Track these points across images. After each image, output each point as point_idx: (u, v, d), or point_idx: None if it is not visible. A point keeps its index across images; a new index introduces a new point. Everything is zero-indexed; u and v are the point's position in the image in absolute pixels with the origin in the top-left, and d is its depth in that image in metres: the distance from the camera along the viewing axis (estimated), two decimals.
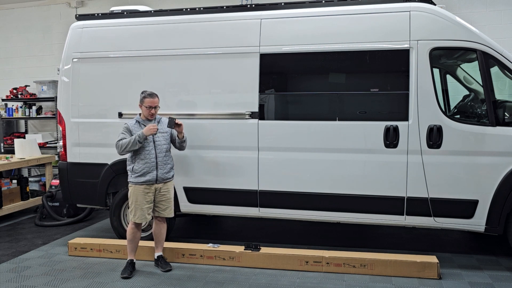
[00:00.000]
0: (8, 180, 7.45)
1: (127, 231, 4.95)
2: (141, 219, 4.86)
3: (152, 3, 8.74)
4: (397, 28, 4.89)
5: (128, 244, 4.96)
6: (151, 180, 4.85)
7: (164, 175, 4.92)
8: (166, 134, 4.99)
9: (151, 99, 4.86)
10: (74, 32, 5.87)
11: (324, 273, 4.83)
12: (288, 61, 5.23)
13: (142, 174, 4.82)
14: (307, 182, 5.15)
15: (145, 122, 4.91)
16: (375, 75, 5.09)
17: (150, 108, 4.86)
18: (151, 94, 4.89)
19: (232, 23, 5.36)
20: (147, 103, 4.85)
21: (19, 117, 9.55)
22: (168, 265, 5.01)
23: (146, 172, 4.82)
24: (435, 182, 4.83)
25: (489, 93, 4.72)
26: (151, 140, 4.86)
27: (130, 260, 4.96)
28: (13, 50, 10.04)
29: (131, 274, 4.84)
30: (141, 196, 4.83)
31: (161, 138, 4.93)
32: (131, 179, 4.89)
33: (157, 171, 4.86)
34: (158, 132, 4.88)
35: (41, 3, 9.78)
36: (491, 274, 4.75)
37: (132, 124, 4.90)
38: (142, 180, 4.82)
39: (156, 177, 4.86)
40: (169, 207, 5.01)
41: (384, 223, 5.06)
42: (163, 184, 4.94)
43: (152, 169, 4.84)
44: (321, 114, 5.11)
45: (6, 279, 4.82)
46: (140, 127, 4.87)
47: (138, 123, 4.90)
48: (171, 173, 5.02)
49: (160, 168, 4.88)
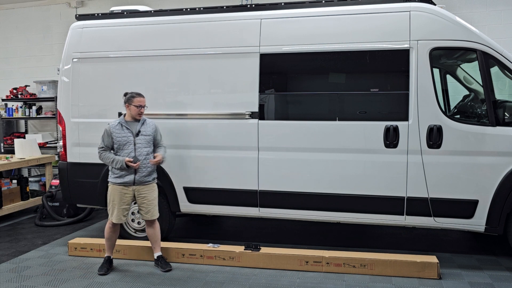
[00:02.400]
0: (8, 180, 7.45)
1: (105, 230, 4.98)
2: (116, 219, 4.88)
3: (152, 3, 8.74)
4: (397, 28, 4.89)
5: (106, 242, 5.01)
6: (129, 182, 4.84)
7: (143, 178, 4.89)
8: (148, 137, 4.95)
9: (140, 98, 4.88)
10: (74, 32, 5.88)
11: (324, 273, 4.83)
12: (288, 61, 5.23)
13: (120, 176, 4.83)
14: (307, 182, 5.15)
15: (128, 124, 4.88)
16: (375, 75, 5.09)
17: (140, 107, 4.86)
18: (139, 94, 4.92)
19: (232, 23, 5.36)
20: (137, 102, 4.85)
21: (19, 117, 9.55)
22: (168, 265, 5.02)
23: (124, 174, 4.82)
24: (435, 182, 4.83)
25: (489, 93, 4.72)
26: (132, 142, 4.85)
27: (107, 257, 5.02)
28: (13, 50, 10.04)
29: (108, 271, 4.91)
30: (118, 197, 4.85)
31: (143, 141, 4.90)
32: (110, 178, 4.92)
33: (135, 174, 4.85)
34: (141, 134, 4.88)
35: (41, 3, 9.78)
36: (491, 274, 4.75)
37: (114, 126, 4.86)
38: (119, 182, 4.83)
39: (134, 179, 4.85)
40: (151, 209, 4.96)
41: (384, 223, 5.06)
42: (142, 187, 4.91)
43: (130, 172, 4.83)
44: (321, 114, 5.11)
45: (6, 279, 4.82)
46: (123, 129, 4.84)
47: (120, 125, 4.87)
48: (151, 177, 4.98)
49: (138, 171, 4.85)
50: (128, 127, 4.89)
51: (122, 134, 4.85)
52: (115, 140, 4.84)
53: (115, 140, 4.84)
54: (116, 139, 4.84)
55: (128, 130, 4.87)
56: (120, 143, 4.84)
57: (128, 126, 4.90)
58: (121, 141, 4.83)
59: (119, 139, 4.84)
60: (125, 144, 4.83)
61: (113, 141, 4.85)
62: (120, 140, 4.83)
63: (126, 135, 4.85)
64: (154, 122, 5.13)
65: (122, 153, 4.84)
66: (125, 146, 4.84)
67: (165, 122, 5.49)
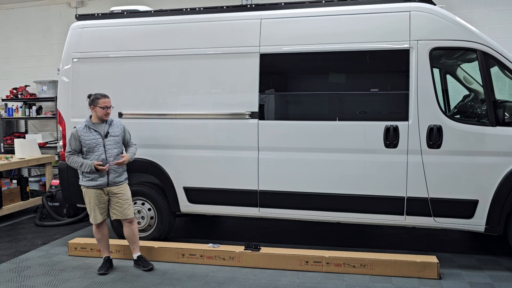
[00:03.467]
0: (8, 180, 7.45)
1: (93, 233, 4.99)
2: (97, 220, 4.88)
3: (152, 3, 8.74)
4: (397, 28, 4.89)
5: (98, 244, 5.02)
6: (102, 184, 4.81)
7: (116, 179, 4.87)
8: (117, 138, 4.92)
9: (105, 99, 4.83)
10: (74, 32, 5.87)
11: (324, 273, 4.83)
12: (288, 61, 5.23)
13: (92, 179, 4.79)
14: (307, 182, 5.15)
15: (95, 126, 4.82)
16: (375, 75, 5.09)
17: (106, 108, 4.81)
18: (103, 95, 4.87)
19: (232, 23, 5.36)
20: (102, 104, 4.80)
21: (19, 117, 9.55)
22: (149, 263, 5.00)
23: (97, 177, 4.78)
24: (435, 182, 4.83)
25: (489, 93, 4.72)
26: (101, 144, 4.81)
27: (106, 257, 5.02)
28: (13, 50, 10.04)
29: (108, 270, 4.91)
30: (94, 198, 4.83)
31: (112, 142, 4.86)
32: (82, 182, 4.87)
33: (108, 176, 4.83)
34: (109, 135, 4.85)
35: (41, 3, 9.78)
36: (491, 274, 4.75)
37: (81, 128, 4.80)
38: (93, 185, 4.80)
39: (108, 181, 4.83)
40: (126, 208, 4.93)
41: (384, 223, 5.06)
42: (115, 187, 4.89)
43: (102, 174, 4.79)
44: (321, 114, 5.11)
45: (6, 279, 4.82)
46: (90, 132, 4.78)
47: (88, 127, 4.81)
48: (123, 176, 4.97)
49: (111, 172, 4.83)
50: (95, 129, 4.81)
51: (91, 137, 4.78)
52: (84, 143, 4.76)
53: (83, 143, 4.76)
54: (85, 142, 4.76)
55: (96, 132, 4.80)
56: (90, 146, 4.76)
57: (96, 128, 4.82)
58: (90, 143, 4.76)
59: (88, 142, 4.76)
60: (95, 146, 4.77)
61: (82, 145, 4.77)
62: (89, 143, 4.76)
63: (95, 137, 4.78)
64: (121, 121, 5.08)
65: (92, 155, 4.77)
66: (94, 148, 4.77)
67: (165, 122, 5.49)
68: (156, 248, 5.24)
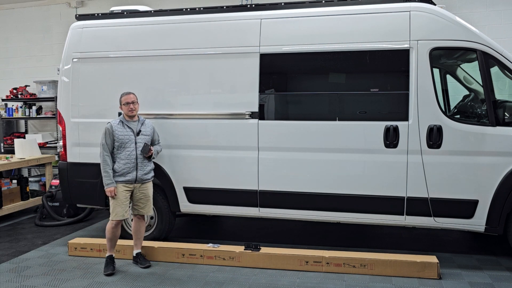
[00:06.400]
0: (8, 180, 7.45)
1: (107, 229, 4.97)
2: (119, 216, 4.90)
3: (152, 3, 8.75)
4: (397, 28, 4.89)
5: (108, 242, 5.00)
6: (131, 180, 4.92)
7: (144, 176, 5.00)
8: (148, 137, 5.07)
9: (127, 96, 4.97)
10: (74, 32, 5.88)
11: (324, 273, 4.83)
12: (288, 61, 5.23)
13: (122, 174, 4.90)
14: (307, 182, 5.15)
15: (129, 123, 4.97)
16: (375, 75, 5.08)
17: (128, 104, 4.91)
18: (126, 92, 5.03)
19: (232, 23, 5.36)
20: (124, 100, 4.95)
21: (19, 117, 9.55)
22: (147, 261, 5.08)
23: (126, 172, 4.90)
24: (435, 182, 4.83)
25: (489, 93, 4.72)
26: (133, 141, 4.92)
27: (110, 255, 5.02)
28: (13, 50, 10.04)
29: (114, 270, 4.91)
30: (121, 194, 4.89)
31: (143, 140, 5.01)
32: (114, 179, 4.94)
33: (137, 172, 4.94)
34: (141, 134, 4.99)
35: (41, 3, 9.79)
36: (491, 274, 4.75)
37: (116, 124, 4.93)
38: (122, 180, 4.90)
39: (136, 177, 4.93)
40: (148, 204, 5.08)
41: (384, 223, 5.06)
42: (141, 184, 5.01)
43: (132, 170, 4.91)
44: (321, 114, 5.11)
45: (6, 279, 4.82)
46: (124, 127, 4.92)
47: (122, 123, 4.96)
48: (150, 174, 5.10)
49: (140, 169, 4.95)
50: (129, 125, 4.96)
51: (124, 133, 4.91)
52: (117, 138, 4.88)
53: (116, 138, 4.88)
54: (118, 137, 4.88)
55: (129, 129, 4.95)
56: (122, 142, 4.88)
57: (129, 125, 4.97)
58: (123, 139, 4.89)
59: (121, 138, 4.88)
60: (127, 142, 4.90)
61: (115, 139, 4.88)
62: (122, 138, 4.88)
63: (128, 134, 4.92)
64: (151, 122, 5.23)
65: (123, 151, 4.89)
66: (126, 144, 4.90)
67: (165, 122, 5.49)
68: (156, 248, 5.24)
